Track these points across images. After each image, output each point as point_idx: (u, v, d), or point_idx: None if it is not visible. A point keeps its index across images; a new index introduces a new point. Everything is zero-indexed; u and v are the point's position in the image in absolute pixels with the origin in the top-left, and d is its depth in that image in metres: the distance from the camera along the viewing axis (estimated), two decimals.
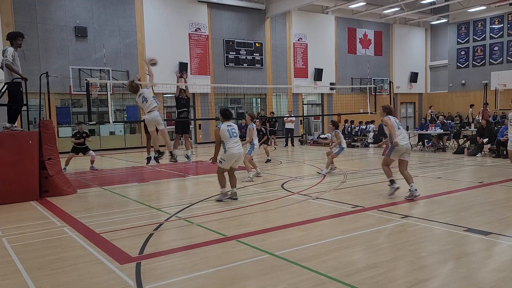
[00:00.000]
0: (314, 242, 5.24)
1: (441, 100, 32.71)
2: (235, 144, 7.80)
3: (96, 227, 6.26)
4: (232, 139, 7.78)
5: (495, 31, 29.22)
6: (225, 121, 7.92)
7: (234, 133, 7.87)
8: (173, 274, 4.36)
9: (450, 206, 7.02)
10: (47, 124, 9.23)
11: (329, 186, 9.27)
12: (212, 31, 23.79)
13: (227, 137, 7.75)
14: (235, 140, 7.81)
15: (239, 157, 7.91)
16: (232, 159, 7.81)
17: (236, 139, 7.84)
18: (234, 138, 7.81)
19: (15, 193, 8.30)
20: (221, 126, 7.83)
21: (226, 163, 7.83)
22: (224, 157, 7.80)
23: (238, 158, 7.87)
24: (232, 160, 7.83)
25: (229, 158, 7.78)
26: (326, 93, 28.25)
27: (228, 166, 7.87)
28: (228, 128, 7.81)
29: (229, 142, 7.75)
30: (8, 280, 4.36)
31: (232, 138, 7.78)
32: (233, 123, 8.09)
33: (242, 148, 8.00)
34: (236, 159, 7.86)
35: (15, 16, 18.48)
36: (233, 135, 7.83)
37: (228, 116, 7.98)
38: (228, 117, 7.99)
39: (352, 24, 29.47)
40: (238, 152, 7.79)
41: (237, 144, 7.84)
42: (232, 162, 7.86)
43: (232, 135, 7.81)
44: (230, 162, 7.83)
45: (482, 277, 4.08)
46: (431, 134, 16.12)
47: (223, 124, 7.88)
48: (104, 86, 18.40)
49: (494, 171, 10.88)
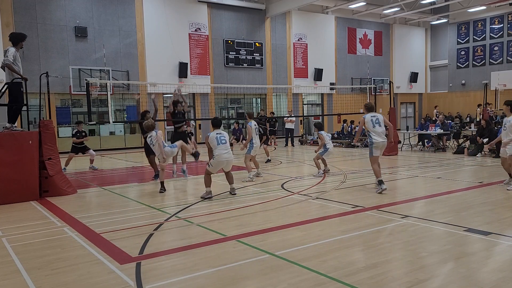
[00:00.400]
0: (314, 242, 5.24)
1: (441, 100, 32.71)
2: (223, 151, 8.18)
3: (96, 227, 6.26)
4: (220, 146, 8.19)
5: (495, 31, 29.23)
6: (215, 129, 8.48)
7: (223, 140, 8.28)
8: (173, 274, 4.36)
9: (450, 206, 7.02)
10: (47, 124, 9.24)
11: (329, 186, 9.27)
12: (212, 31, 23.80)
13: (215, 145, 8.20)
14: (223, 147, 8.20)
15: (227, 163, 8.30)
16: (219, 165, 8.26)
17: (224, 146, 8.22)
18: (222, 145, 8.21)
19: (15, 193, 8.31)
20: (210, 134, 8.35)
21: (213, 168, 8.28)
22: (212, 162, 8.24)
23: (226, 164, 8.28)
24: (219, 166, 8.28)
25: (216, 164, 8.22)
26: (326, 93, 28.25)
27: (215, 170, 8.35)
28: (217, 136, 8.26)
29: (217, 149, 8.18)
30: (8, 280, 4.36)
31: (219, 145, 8.19)
32: (223, 131, 8.56)
33: (231, 155, 8.39)
34: (224, 165, 8.30)
35: (15, 16, 18.49)
36: (222, 142, 8.24)
37: (217, 125, 8.56)
38: (217, 125, 8.56)
39: (352, 24, 29.47)
40: (225, 159, 8.20)
41: (225, 151, 8.21)
42: (219, 167, 8.32)
43: (221, 142, 8.23)
44: (217, 167, 8.29)
45: (482, 277, 4.08)
46: (431, 134, 16.12)
47: (212, 132, 8.40)
48: (104, 86, 18.40)
49: (494, 171, 10.88)
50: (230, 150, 8.48)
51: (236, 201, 7.95)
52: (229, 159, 8.31)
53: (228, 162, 8.29)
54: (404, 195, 8.24)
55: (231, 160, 8.36)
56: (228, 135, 8.62)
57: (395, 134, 15.26)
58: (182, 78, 22.34)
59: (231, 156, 8.41)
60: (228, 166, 8.38)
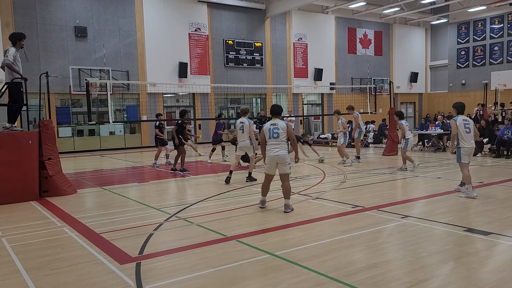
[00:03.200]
0: (314, 242, 5.24)
1: (441, 100, 32.70)
2: (271, 147, 6.97)
3: (96, 227, 6.26)
4: (269, 141, 6.99)
5: (495, 31, 29.22)
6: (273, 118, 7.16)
7: (275, 133, 6.95)
8: (173, 274, 4.36)
9: (450, 206, 7.02)
10: (47, 124, 9.24)
11: (329, 186, 9.27)
12: (212, 31, 23.79)
13: (266, 138, 7.03)
14: (273, 142, 6.96)
15: (277, 161, 6.94)
16: (271, 163, 7.01)
17: (275, 141, 6.95)
18: (273, 140, 6.96)
19: (15, 193, 8.31)
20: (264, 125, 7.19)
21: (267, 167, 7.13)
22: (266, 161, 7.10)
23: (276, 163, 6.95)
24: (271, 164, 7.01)
25: (267, 162, 7.06)
26: (326, 93, 28.24)
27: (268, 170, 7.10)
28: (269, 127, 7.02)
29: (267, 144, 7.02)
30: (8, 280, 4.36)
31: (269, 140, 6.99)
32: (281, 121, 7.12)
33: (282, 152, 6.92)
34: (274, 164, 6.99)
35: (15, 16, 18.48)
36: (273, 135, 6.96)
37: (275, 112, 7.19)
38: (275, 113, 7.18)
39: (352, 24, 29.46)
40: (273, 156, 6.93)
41: (274, 147, 6.94)
42: (272, 167, 7.03)
43: (272, 135, 6.96)
44: (270, 166, 7.05)
45: (482, 277, 4.08)
46: (431, 134, 16.11)
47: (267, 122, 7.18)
48: (104, 86, 18.40)
49: (494, 171, 10.88)
50: (284, 146, 6.99)
51: (236, 201, 7.95)
52: (278, 156, 6.87)
53: (277, 158, 6.88)
54: (404, 195, 8.25)
55: (282, 157, 6.88)
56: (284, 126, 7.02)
57: (395, 135, 15.26)
58: (182, 78, 22.33)
59: (282, 153, 6.90)
60: (280, 167, 6.95)
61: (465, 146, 7.79)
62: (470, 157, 7.94)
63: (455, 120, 7.84)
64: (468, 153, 7.83)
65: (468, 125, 7.85)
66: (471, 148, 7.84)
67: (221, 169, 12.56)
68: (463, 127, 7.79)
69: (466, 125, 7.83)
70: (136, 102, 21.85)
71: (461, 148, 7.82)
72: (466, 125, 7.83)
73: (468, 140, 7.78)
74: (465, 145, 7.78)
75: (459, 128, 7.77)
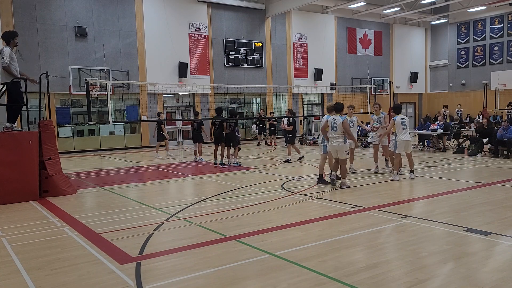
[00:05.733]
0: (314, 242, 5.24)
1: (441, 100, 32.67)
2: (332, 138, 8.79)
3: (96, 227, 6.26)
4: (330, 132, 8.79)
5: (495, 31, 29.22)
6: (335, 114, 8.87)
7: (335, 126, 8.70)
8: (173, 274, 4.36)
9: (450, 206, 7.02)
10: (47, 124, 9.23)
11: (329, 186, 9.26)
12: (212, 31, 23.79)
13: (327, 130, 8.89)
14: (332, 134, 8.74)
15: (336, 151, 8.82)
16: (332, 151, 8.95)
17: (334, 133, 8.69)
18: (333, 132, 8.72)
19: (15, 193, 8.31)
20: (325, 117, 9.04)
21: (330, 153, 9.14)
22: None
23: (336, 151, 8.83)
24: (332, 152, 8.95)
25: (330, 149, 9.01)
26: (326, 93, 28.25)
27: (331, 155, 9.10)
28: (331, 121, 8.76)
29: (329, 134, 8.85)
30: (8, 280, 4.36)
31: (330, 132, 8.78)
32: (341, 117, 8.76)
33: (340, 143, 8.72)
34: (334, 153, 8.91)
35: (15, 16, 18.48)
36: (333, 128, 8.73)
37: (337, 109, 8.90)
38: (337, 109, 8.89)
39: (352, 24, 29.46)
40: (333, 146, 8.84)
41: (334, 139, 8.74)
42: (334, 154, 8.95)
43: (332, 128, 8.75)
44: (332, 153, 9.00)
45: (482, 277, 4.08)
46: (431, 134, 16.11)
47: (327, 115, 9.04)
48: (104, 86, 18.40)
49: (494, 171, 10.88)
50: (343, 137, 8.70)
51: (236, 201, 7.95)
52: (337, 145, 8.71)
53: (336, 147, 8.74)
54: (404, 195, 8.25)
55: (339, 147, 8.71)
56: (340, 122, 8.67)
57: None
58: (182, 78, 22.34)
59: (340, 143, 8.70)
60: (339, 154, 8.79)
61: (401, 139, 9.60)
62: (405, 148, 9.64)
63: (394, 119, 9.64)
64: (403, 146, 9.58)
65: (404, 122, 9.67)
66: (406, 141, 9.58)
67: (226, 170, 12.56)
68: (401, 124, 9.62)
69: (403, 123, 9.66)
70: (136, 102, 21.87)
71: (398, 141, 9.64)
72: (403, 123, 9.66)
73: (403, 135, 9.61)
74: (401, 139, 9.60)
75: (397, 126, 9.60)
